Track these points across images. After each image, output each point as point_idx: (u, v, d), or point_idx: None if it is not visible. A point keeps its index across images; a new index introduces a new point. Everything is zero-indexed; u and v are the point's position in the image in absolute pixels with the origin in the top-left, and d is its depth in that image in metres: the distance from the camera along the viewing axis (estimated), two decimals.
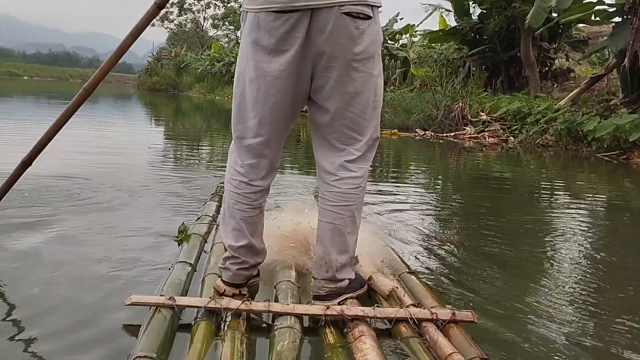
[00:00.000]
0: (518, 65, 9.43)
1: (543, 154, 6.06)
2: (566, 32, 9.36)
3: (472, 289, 1.62)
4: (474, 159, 5.70)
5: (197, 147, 5.74)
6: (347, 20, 1.17)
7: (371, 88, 1.26)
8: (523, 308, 1.49)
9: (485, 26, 9.26)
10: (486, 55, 9.60)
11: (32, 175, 2.87)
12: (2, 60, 50.41)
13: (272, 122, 1.26)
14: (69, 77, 53.24)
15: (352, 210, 1.28)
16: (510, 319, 1.41)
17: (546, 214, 3.04)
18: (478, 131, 7.43)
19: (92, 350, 1.14)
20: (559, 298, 1.59)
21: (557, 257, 2.07)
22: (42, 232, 1.90)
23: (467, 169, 5.02)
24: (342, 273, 1.31)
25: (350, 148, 1.28)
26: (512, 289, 1.65)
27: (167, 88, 24.61)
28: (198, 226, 1.89)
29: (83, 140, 5.16)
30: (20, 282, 1.46)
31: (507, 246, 2.14)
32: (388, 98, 9.76)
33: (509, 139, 7.06)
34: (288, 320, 1.19)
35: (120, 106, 14.34)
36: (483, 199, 3.37)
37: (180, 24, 35.20)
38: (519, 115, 7.26)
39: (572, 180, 4.54)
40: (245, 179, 1.30)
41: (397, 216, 2.54)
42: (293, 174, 3.74)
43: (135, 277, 1.54)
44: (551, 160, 5.72)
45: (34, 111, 9.61)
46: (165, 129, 8.34)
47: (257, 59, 1.21)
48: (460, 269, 1.81)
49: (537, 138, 6.66)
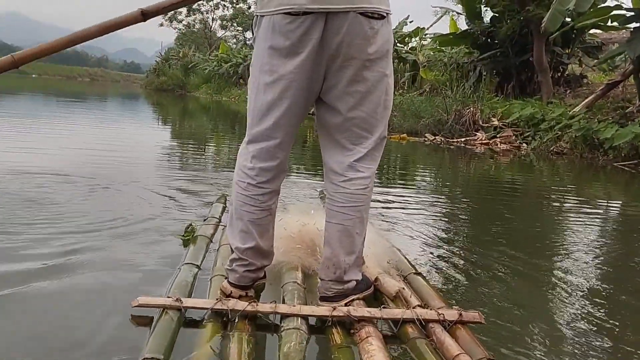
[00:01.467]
0: (530, 70, 9.37)
1: (557, 162, 5.97)
2: (579, 37, 9.30)
3: (480, 290, 1.63)
4: (485, 165, 5.66)
5: (203, 147, 5.79)
6: (362, 21, 1.19)
7: (383, 87, 1.28)
8: (530, 310, 1.50)
9: (497, 30, 9.22)
10: (497, 59, 9.56)
11: (35, 174, 2.95)
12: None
13: (286, 124, 1.28)
14: (77, 76, 53.91)
15: (360, 211, 1.29)
16: (517, 321, 1.42)
17: (558, 223, 3.02)
18: (489, 137, 7.35)
19: (97, 352, 1.14)
20: (569, 302, 1.60)
21: (568, 262, 2.07)
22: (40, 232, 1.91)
23: (478, 175, 4.99)
24: (350, 274, 1.32)
25: (359, 147, 1.29)
26: (520, 292, 1.66)
27: (174, 88, 24.83)
28: (204, 227, 1.92)
29: (86, 140, 5.25)
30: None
31: (517, 251, 2.14)
32: (397, 102, 9.75)
33: (521, 145, 6.97)
34: (295, 321, 1.20)
35: (126, 106, 14.48)
36: (494, 205, 3.36)
37: (189, 25, 35.53)
38: (532, 122, 7.17)
39: (587, 190, 4.48)
40: (253, 181, 1.32)
41: (405, 220, 2.55)
42: (299, 176, 3.78)
43: (141, 278, 1.56)
44: (565, 168, 5.63)
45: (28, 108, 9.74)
46: (172, 129, 8.41)
47: (272, 62, 1.24)
48: (468, 271, 1.82)
49: (551, 145, 6.54)
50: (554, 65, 9.31)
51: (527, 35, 8.91)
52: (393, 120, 8.94)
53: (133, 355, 1.09)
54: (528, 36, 8.90)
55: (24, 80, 29.88)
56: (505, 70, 9.66)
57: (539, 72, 8.73)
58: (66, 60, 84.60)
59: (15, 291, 1.39)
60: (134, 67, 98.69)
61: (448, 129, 7.77)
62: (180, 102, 17.19)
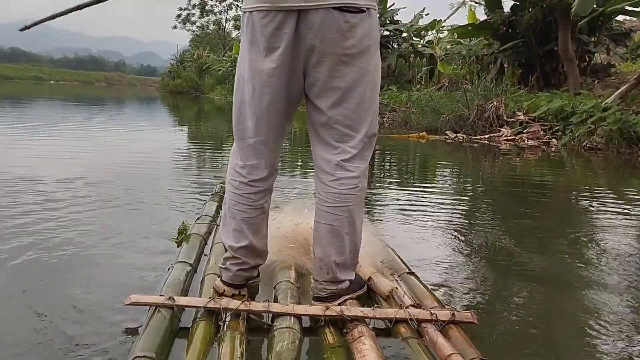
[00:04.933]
0: (554, 61, 9.15)
1: (591, 158, 5.63)
2: (606, 24, 9.03)
3: (480, 291, 1.62)
4: (512, 163, 5.40)
5: (219, 149, 5.87)
6: (335, 15, 1.20)
7: (365, 83, 1.27)
8: (525, 310, 1.48)
9: (519, 19, 9.02)
10: (520, 50, 9.36)
11: (38, 177, 3.06)
12: (29, 65, 52.88)
13: (268, 120, 1.30)
14: (94, 81, 55.46)
15: (350, 210, 1.30)
16: (511, 321, 1.41)
17: (587, 224, 2.83)
18: (516, 133, 7.06)
19: (91, 351, 1.18)
20: (568, 303, 1.57)
21: (591, 271, 1.94)
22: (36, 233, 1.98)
23: (502, 174, 4.75)
24: (343, 274, 1.34)
25: (344, 146, 1.30)
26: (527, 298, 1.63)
27: (188, 90, 25.24)
28: (198, 226, 1.95)
29: (98, 144, 5.39)
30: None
31: (533, 255, 2.07)
32: (414, 98, 9.66)
33: (551, 141, 6.68)
34: (287, 320, 1.22)
35: (143, 110, 14.79)
36: (516, 205, 3.23)
37: (202, 26, 36.06)
38: (562, 115, 6.85)
39: (624, 189, 4.18)
40: (245, 179, 1.34)
41: (422, 222, 2.52)
42: (292, 175, 3.77)
43: (134, 277, 1.60)
44: (600, 165, 5.37)
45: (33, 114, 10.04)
46: (188, 131, 8.55)
47: (252, 58, 1.26)
48: (475, 274, 1.81)
49: (584, 140, 6.20)
50: (580, 55, 9.04)
51: (551, 23, 8.69)
52: (411, 118, 8.81)
53: (124, 354, 1.13)
54: (552, 24, 8.67)
55: (42, 86, 30.88)
56: (528, 61, 9.46)
57: (565, 62, 8.46)
58: (83, 65, 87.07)
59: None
60: (151, 71, 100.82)
61: (470, 125, 7.51)
62: (195, 104, 17.47)
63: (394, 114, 9.56)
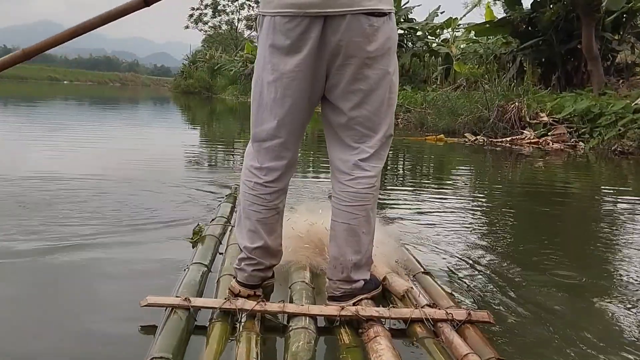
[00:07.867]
0: (577, 59, 8.97)
1: (621, 163, 5.41)
2: (631, 21, 8.84)
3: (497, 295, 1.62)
4: (535, 168, 5.21)
5: (232, 150, 5.94)
6: (360, 19, 1.24)
7: (386, 85, 1.31)
8: (542, 310, 1.49)
9: (539, 16, 8.87)
10: (540, 48, 9.21)
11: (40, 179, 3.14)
12: (44, 66, 53.96)
13: (289, 123, 1.33)
14: (108, 81, 56.38)
15: (367, 209, 1.33)
16: (529, 322, 1.41)
17: (611, 233, 2.71)
18: (539, 135, 6.87)
19: (108, 351, 1.21)
20: (588, 306, 1.57)
21: (604, 275, 1.93)
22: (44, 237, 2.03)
23: (525, 179, 4.58)
24: (358, 274, 1.36)
25: (363, 146, 1.33)
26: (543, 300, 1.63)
27: (200, 90, 25.50)
28: (213, 227, 2.00)
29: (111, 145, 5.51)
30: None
31: (558, 261, 2.05)
32: (430, 98, 9.56)
33: (577, 144, 6.47)
34: (303, 320, 1.24)
35: (157, 110, 15.00)
36: (539, 213, 3.12)
37: (215, 26, 36.41)
38: (588, 117, 6.63)
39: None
40: (260, 180, 1.37)
41: (434, 228, 2.50)
42: (307, 175, 3.83)
43: (150, 278, 1.64)
44: (631, 170, 5.19)
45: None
46: (200, 132, 8.65)
47: (274, 61, 1.29)
48: (491, 276, 1.81)
49: (614, 143, 5.92)
50: (603, 53, 8.84)
51: (573, 20, 8.52)
52: (427, 119, 8.70)
53: (140, 355, 1.14)
54: (574, 22, 8.50)
55: (56, 86, 31.48)
56: (549, 60, 9.31)
57: (589, 61, 8.20)
58: (97, 66, 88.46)
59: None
60: (164, 71, 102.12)
61: (490, 127, 7.31)
62: (207, 105, 17.63)
63: (409, 115, 9.50)
